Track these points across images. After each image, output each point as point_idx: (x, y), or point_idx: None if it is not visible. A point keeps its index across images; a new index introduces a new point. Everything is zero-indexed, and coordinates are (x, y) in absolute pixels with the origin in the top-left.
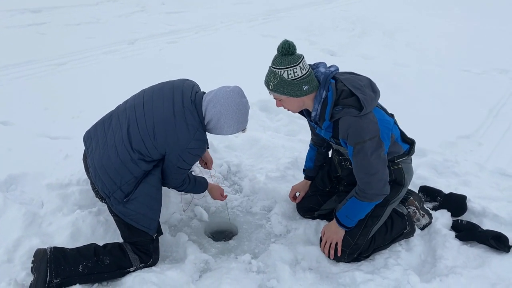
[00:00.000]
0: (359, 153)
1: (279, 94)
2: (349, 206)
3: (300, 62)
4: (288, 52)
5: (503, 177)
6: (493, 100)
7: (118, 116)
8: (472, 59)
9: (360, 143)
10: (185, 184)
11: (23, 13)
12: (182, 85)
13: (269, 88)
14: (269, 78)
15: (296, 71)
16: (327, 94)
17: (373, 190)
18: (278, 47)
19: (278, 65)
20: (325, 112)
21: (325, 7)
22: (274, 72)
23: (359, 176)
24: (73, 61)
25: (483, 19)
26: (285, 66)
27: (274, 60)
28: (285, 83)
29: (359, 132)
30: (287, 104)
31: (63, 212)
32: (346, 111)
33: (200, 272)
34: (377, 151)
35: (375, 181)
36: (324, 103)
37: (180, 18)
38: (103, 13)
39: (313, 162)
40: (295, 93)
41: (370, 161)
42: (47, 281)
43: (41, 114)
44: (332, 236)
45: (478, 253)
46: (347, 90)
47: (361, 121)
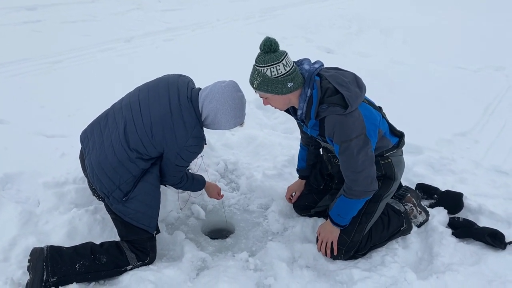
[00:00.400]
0: (345, 151)
1: (263, 92)
2: (339, 205)
3: (283, 59)
4: (271, 50)
5: (499, 174)
6: (489, 98)
7: (114, 115)
8: (468, 57)
9: (346, 142)
10: (183, 182)
11: (19, 10)
12: (177, 81)
13: (253, 87)
14: (253, 76)
15: (279, 68)
16: (312, 92)
17: (360, 187)
18: (260, 44)
19: (261, 63)
20: (310, 111)
21: (322, 5)
22: (258, 70)
23: (346, 174)
24: (69, 59)
25: (479, 17)
26: (267, 64)
27: (257, 58)
28: (269, 81)
29: (344, 131)
30: (273, 102)
31: (59, 210)
32: (331, 110)
33: (198, 270)
34: (364, 148)
35: (362, 178)
36: (309, 102)
37: (176, 16)
38: (99, 10)
39: (306, 162)
40: (279, 90)
41: (356, 159)
42: (44, 280)
43: (37, 112)
44: (327, 236)
45: (474, 250)
46: (332, 87)
47: (346, 120)
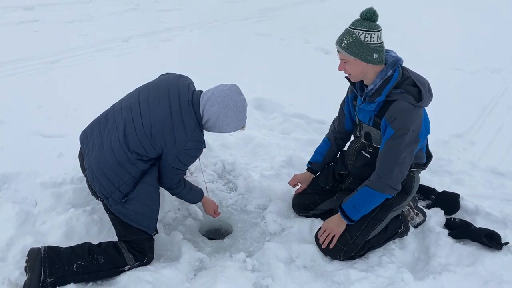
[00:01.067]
0: (397, 139)
1: (349, 54)
2: (359, 196)
3: (379, 31)
4: (371, 19)
5: (496, 176)
6: (486, 99)
7: (114, 116)
8: (465, 58)
9: (403, 130)
10: (180, 188)
11: (16, 10)
12: (177, 83)
13: (340, 46)
14: (344, 36)
15: (374, 36)
16: (393, 74)
17: (390, 180)
18: (363, 12)
19: (358, 26)
20: (384, 89)
21: (320, 6)
22: (351, 32)
23: (384, 162)
24: (67, 59)
25: (477, 19)
26: (365, 29)
27: (354, 22)
28: (360, 44)
29: (407, 119)
30: (352, 67)
31: (56, 210)
32: (405, 96)
33: (195, 271)
34: (412, 144)
35: (397, 171)
36: (386, 81)
37: (174, 16)
38: (96, 10)
39: (323, 157)
40: (365, 57)
41: (402, 150)
42: (41, 280)
43: (34, 112)
44: (332, 228)
45: (470, 250)
46: (411, 79)
47: (414, 111)
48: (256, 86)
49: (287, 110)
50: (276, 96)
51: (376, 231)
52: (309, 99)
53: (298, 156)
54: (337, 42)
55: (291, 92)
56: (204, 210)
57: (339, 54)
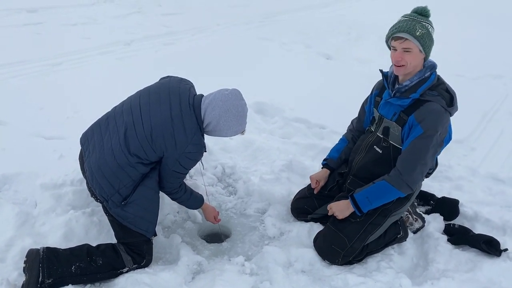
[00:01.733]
0: (426, 139)
1: (420, 44)
2: (374, 189)
3: None
4: (426, 15)
5: (496, 182)
6: (487, 106)
7: (115, 119)
8: (467, 65)
9: (433, 131)
10: (181, 192)
11: (19, 12)
12: (179, 87)
13: (414, 35)
14: (415, 25)
15: (432, 32)
16: (431, 76)
17: (410, 179)
18: (419, 7)
19: (425, 20)
20: (419, 87)
21: (322, 11)
22: (422, 24)
23: (408, 159)
24: (69, 61)
25: (479, 25)
26: (429, 23)
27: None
28: (430, 37)
29: (437, 121)
30: (414, 58)
31: (56, 212)
32: (438, 99)
33: (193, 274)
34: (437, 147)
35: (419, 170)
36: (422, 80)
37: (176, 20)
38: (99, 13)
39: (339, 154)
40: (429, 49)
41: (428, 150)
42: (40, 281)
43: (36, 114)
44: (335, 209)
45: (469, 257)
46: (445, 86)
47: (444, 114)
48: (257, 90)
49: (287, 115)
50: (277, 100)
51: (375, 236)
52: (310, 103)
53: (298, 161)
54: (406, 30)
55: (292, 96)
56: (204, 217)
57: (404, 42)
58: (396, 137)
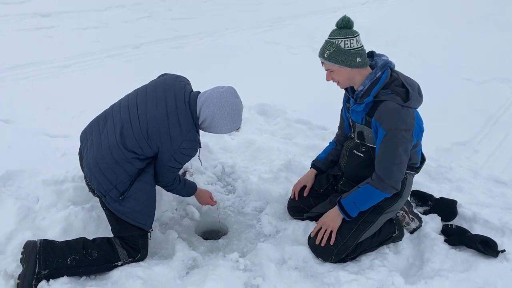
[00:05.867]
0: (390, 140)
1: (333, 63)
2: (360, 193)
3: (357, 36)
4: (347, 26)
5: (497, 184)
6: (493, 109)
7: (112, 116)
8: (474, 68)
9: (394, 130)
10: (175, 184)
11: (33, 17)
12: (174, 84)
13: (324, 57)
14: (325, 47)
15: (353, 42)
16: (381, 75)
17: (391, 181)
18: (338, 21)
19: (336, 35)
20: (372, 89)
21: (331, 16)
22: (331, 42)
23: (382, 163)
24: (78, 64)
25: (487, 29)
26: (343, 36)
27: (332, 33)
28: (342, 51)
29: (396, 119)
30: (338, 75)
31: (57, 207)
32: (392, 97)
33: (188, 269)
34: (407, 144)
35: (397, 171)
36: (374, 82)
37: (186, 24)
38: (110, 18)
39: (326, 154)
40: (349, 62)
41: (398, 150)
42: (36, 272)
43: (42, 114)
44: (328, 223)
45: (465, 257)
46: (399, 80)
47: (402, 111)
48: (261, 92)
49: (289, 116)
50: (280, 101)
51: (368, 233)
52: (313, 105)
53: (297, 161)
54: (319, 55)
55: (295, 98)
56: (200, 202)
57: (324, 65)
58: (371, 139)
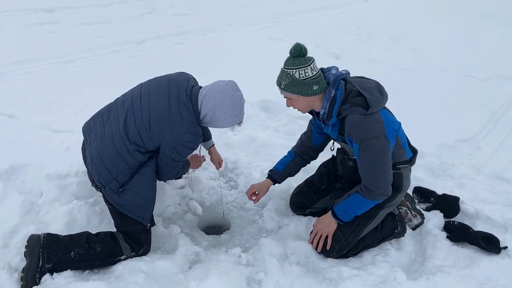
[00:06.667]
0: (365, 151)
1: (290, 93)
2: (350, 202)
3: (311, 63)
4: (300, 54)
5: (500, 181)
6: (496, 106)
7: (116, 108)
8: (477, 66)
9: (366, 141)
10: (177, 176)
11: (36, 12)
12: (178, 79)
13: (280, 88)
14: (281, 78)
15: (307, 71)
16: (336, 92)
17: (379, 189)
18: (291, 49)
19: (290, 65)
20: (333, 109)
21: (333, 12)
22: (286, 73)
23: (365, 174)
24: (81, 59)
25: (490, 26)
26: (297, 67)
27: (286, 62)
28: (297, 82)
29: (364, 130)
30: (297, 103)
31: (60, 202)
32: (353, 109)
33: (190, 264)
34: (384, 149)
35: (382, 179)
36: (332, 101)
37: (189, 20)
38: (114, 13)
39: (283, 167)
40: (305, 92)
41: (376, 159)
42: (40, 266)
43: (46, 109)
44: (323, 229)
45: (468, 253)
46: (355, 90)
47: (366, 120)
48: (264, 88)
49: (292, 112)
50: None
51: (369, 228)
52: None
53: None
54: (277, 84)
55: None
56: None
57: (282, 94)
58: (352, 152)
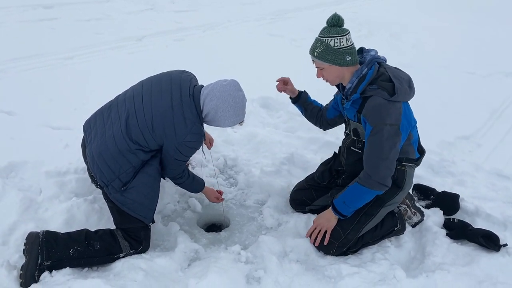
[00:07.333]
0: (376, 135)
1: (323, 61)
2: (349, 192)
3: (347, 34)
4: (337, 24)
5: (500, 178)
6: (497, 102)
7: (117, 106)
8: (478, 62)
9: (380, 125)
10: (184, 178)
11: (36, 8)
12: (180, 78)
13: (314, 55)
14: (315, 46)
15: (342, 41)
16: (368, 71)
17: (378, 177)
18: (328, 19)
19: (326, 34)
20: (359, 86)
21: (334, 8)
22: (321, 40)
23: (369, 158)
24: (81, 56)
25: (492, 23)
26: (333, 35)
27: (322, 31)
28: (331, 50)
29: (382, 114)
30: (328, 73)
31: (59, 199)
32: (378, 92)
33: (189, 261)
34: (393, 138)
35: (383, 167)
36: (361, 78)
37: (188, 17)
38: (113, 10)
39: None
40: (338, 61)
41: (384, 145)
42: (39, 263)
43: (45, 105)
44: (323, 223)
45: (467, 251)
46: (387, 75)
47: (388, 105)
48: (263, 85)
49: (292, 109)
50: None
51: (369, 226)
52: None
53: (300, 154)
54: (310, 52)
55: None
56: (207, 199)
57: (315, 63)
58: (364, 135)
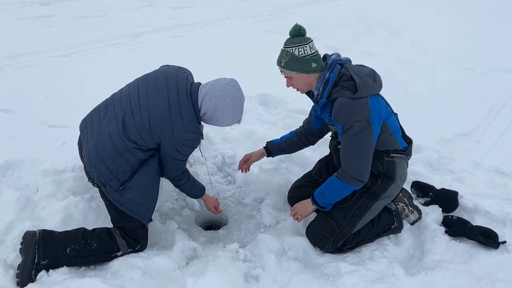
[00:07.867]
0: (347, 132)
1: (290, 70)
2: (327, 185)
3: (310, 42)
4: (299, 34)
5: (499, 175)
6: (495, 99)
7: (113, 105)
8: (477, 59)
9: (349, 123)
10: (184, 179)
11: (32, 5)
12: (176, 75)
13: (281, 66)
14: (281, 57)
15: (306, 49)
16: (330, 75)
17: (353, 172)
18: (290, 30)
19: (290, 44)
20: (324, 91)
21: (333, 4)
22: (286, 51)
23: (343, 156)
24: (78, 53)
25: (491, 19)
26: (296, 44)
27: (286, 42)
28: (296, 59)
29: (348, 113)
30: (297, 81)
31: (56, 197)
32: (342, 92)
33: (187, 259)
34: (364, 133)
35: (357, 162)
36: (325, 83)
37: (186, 13)
38: (110, 7)
39: (280, 141)
40: (305, 68)
41: (355, 141)
42: (35, 262)
43: (42, 103)
44: (299, 209)
45: (466, 248)
46: (348, 74)
47: (352, 103)
48: (262, 82)
49: (290, 106)
50: (281, 92)
51: (364, 220)
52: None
53: (298, 151)
54: (277, 63)
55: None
56: (206, 206)
57: (283, 73)
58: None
